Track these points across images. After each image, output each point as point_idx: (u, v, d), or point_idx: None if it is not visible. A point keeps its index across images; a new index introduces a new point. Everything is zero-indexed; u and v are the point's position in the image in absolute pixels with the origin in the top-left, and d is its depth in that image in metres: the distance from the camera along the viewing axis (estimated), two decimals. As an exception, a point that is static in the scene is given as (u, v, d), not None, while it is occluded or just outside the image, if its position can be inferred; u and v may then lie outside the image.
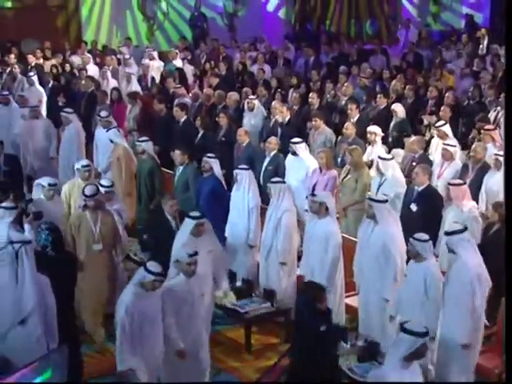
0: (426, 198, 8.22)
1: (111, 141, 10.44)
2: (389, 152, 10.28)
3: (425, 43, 18.04)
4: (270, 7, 22.36)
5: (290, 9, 22.69)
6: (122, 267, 8.24)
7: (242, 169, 8.59)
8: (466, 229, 6.48)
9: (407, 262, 6.90)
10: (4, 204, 7.34)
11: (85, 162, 9.23)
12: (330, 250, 7.32)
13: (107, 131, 10.56)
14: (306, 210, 9.00)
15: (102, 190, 8.08)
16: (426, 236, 6.64)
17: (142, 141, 9.84)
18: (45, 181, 8.35)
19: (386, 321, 6.99)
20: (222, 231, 8.61)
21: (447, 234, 6.47)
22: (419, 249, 6.54)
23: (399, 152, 10.59)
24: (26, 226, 7.29)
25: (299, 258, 8.18)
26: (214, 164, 8.94)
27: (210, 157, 9.04)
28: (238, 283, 8.16)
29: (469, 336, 6.30)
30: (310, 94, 12.05)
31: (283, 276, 8.06)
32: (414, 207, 8.23)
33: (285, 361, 6.86)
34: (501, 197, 8.17)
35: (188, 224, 7.20)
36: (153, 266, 6.17)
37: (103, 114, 11.03)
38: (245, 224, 8.46)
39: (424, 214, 8.09)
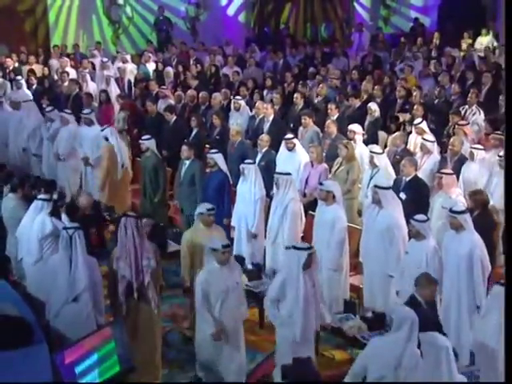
0: (414, 186, 9.03)
1: (106, 138, 11.05)
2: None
3: (382, 45, 19.10)
4: (231, 11, 23.19)
5: (249, 13, 23.59)
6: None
7: (248, 163, 9.34)
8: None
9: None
10: (42, 196, 7.98)
11: (209, 205, 7.90)
12: (337, 232, 8.13)
13: (102, 130, 11.19)
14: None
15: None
16: (424, 217, 7.60)
17: (145, 139, 10.54)
18: (216, 244, 6.93)
19: (389, 294, 7.88)
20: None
21: (456, 212, 7.40)
22: (419, 228, 7.45)
23: (374, 147, 11.55)
24: (63, 215, 7.96)
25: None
26: (218, 159, 9.63)
27: (213, 152, 9.75)
28: (249, 266, 8.95)
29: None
30: (295, 95, 12.90)
31: (289, 259, 8.88)
32: (403, 196, 8.95)
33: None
34: (479, 185, 9.21)
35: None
36: None
37: (86, 111, 11.78)
38: (251, 214, 9.23)
39: (412, 201, 8.85)
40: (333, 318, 7.62)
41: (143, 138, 10.62)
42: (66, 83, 14.96)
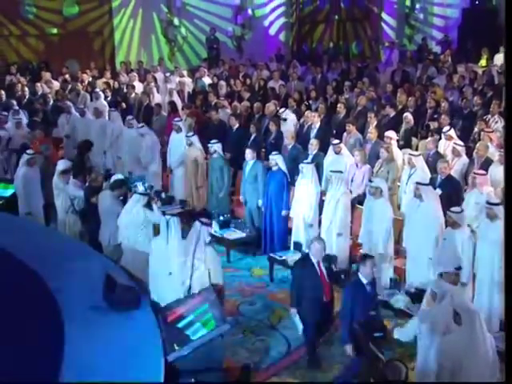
0: (449, 184, 9.66)
1: (190, 144, 11.78)
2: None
3: (410, 62, 19.69)
4: (272, 31, 23.99)
5: (288, 32, 24.38)
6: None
7: (306, 163, 10.06)
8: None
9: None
10: (140, 191, 8.79)
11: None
12: (385, 221, 8.84)
13: (190, 137, 11.86)
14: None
15: None
16: (459, 209, 8.27)
17: (213, 143, 11.29)
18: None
19: (429, 273, 8.54)
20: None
21: (492, 204, 8.03)
22: (456, 218, 8.12)
23: (408, 151, 12.20)
24: (154, 206, 8.77)
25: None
26: (279, 160, 10.37)
27: (275, 154, 10.47)
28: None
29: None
30: (338, 105, 13.60)
31: (340, 244, 9.59)
32: (438, 192, 9.64)
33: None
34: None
35: None
36: None
37: (176, 119, 12.62)
38: (307, 206, 9.92)
39: (447, 196, 9.47)
40: (382, 293, 8.34)
41: (211, 141, 11.34)
42: (133, 95, 15.78)
